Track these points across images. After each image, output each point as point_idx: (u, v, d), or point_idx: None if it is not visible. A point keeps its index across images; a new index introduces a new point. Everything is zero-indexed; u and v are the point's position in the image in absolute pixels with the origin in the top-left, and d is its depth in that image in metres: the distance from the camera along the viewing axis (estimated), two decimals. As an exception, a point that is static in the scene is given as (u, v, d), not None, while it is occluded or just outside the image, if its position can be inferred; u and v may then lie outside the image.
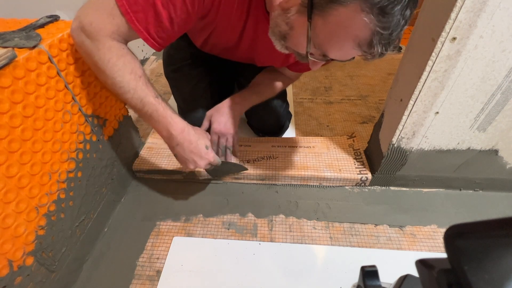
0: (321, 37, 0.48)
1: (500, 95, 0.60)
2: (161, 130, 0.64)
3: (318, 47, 0.51)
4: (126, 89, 0.58)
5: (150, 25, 0.55)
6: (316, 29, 0.48)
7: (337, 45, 0.49)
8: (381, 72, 1.44)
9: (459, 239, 0.22)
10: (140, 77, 0.59)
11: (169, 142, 0.66)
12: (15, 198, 0.49)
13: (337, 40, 0.47)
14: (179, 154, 0.67)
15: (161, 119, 0.62)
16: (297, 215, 0.77)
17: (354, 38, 0.45)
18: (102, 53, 0.55)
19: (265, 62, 0.85)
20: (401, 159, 0.75)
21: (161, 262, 0.68)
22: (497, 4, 0.47)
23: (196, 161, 0.67)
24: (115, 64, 0.56)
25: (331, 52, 0.50)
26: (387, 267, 0.51)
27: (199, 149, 0.66)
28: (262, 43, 0.71)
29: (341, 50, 0.49)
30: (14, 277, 0.50)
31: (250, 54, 0.78)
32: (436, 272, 0.23)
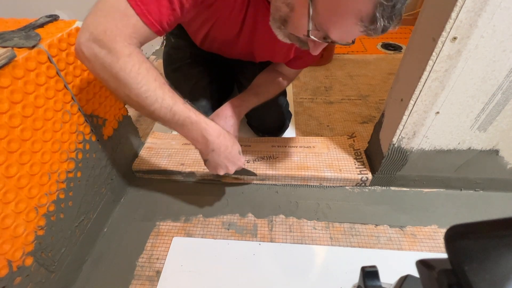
0: (323, 14, 0.47)
1: (500, 95, 0.60)
2: (196, 137, 0.59)
3: (320, 27, 0.49)
4: (153, 99, 0.52)
5: (164, 16, 0.52)
6: (318, 6, 0.47)
7: (339, 22, 0.47)
8: (382, 72, 1.44)
9: (459, 239, 0.21)
10: (164, 84, 0.54)
11: (203, 148, 0.61)
12: (14, 198, 0.49)
13: (339, 16, 0.46)
14: (212, 160, 0.63)
15: (194, 126, 0.57)
16: (297, 215, 0.77)
17: (357, 13, 0.44)
18: (123, 62, 0.49)
19: (265, 56, 0.84)
20: (401, 159, 0.75)
21: (160, 262, 0.68)
22: (497, 3, 0.47)
23: (228, 167, 0.64)
24: (139, 72, 0.50)
25: (333, 31, 0.49)
26: (387, 267, 0.51)
27: (233, 154, 0.63)
28: (262, 35, 0.70)
29: (342, 27, 0.48)
30: (14, 277, 0.50)
31: (250, 47, 0.77)
32: (437, 273, 0.23)
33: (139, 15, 0.49)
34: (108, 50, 0.49)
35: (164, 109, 0.53)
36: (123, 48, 0.49)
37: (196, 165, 0.86)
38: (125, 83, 0.50)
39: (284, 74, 0.90)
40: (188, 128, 0.57)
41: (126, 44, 0.50)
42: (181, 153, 0.90)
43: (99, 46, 0.49)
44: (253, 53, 0.82)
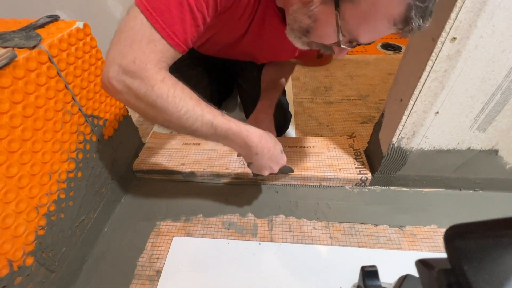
0: (352, 23, 0.46)
1: (500, 95, 0.60)
2: (239, 145, 0.59)
3: (348, 34, 0.48)
4: (194, 118, 0.52)
5: (188, 34, 0.50)
6: (346, 15, 0.46)
7: (370, 28, 0.46)
8: (381, 72, 1.44)
9: (459, 239, 0.22)
10: (199, 100, 0.53)
11: (247, 153, 0.62)
12: (15, 198, 0.49)
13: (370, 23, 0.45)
14: (256, 162, 0.63)
15: (237, 135, 0.57)
16: (297, 215, 0.77)
17: (389, 17, 0.43)
18: (158, 88, 0.48)
19: (268, 57, 0.83)
20: (401, 159, 0.75)
21: (161, 262, 0.68)
22: (497, 4, 0.47)
23: (272, 167, 0.65)
24: (175, 95, 0.49)
25: (363, 36, 0.48)
26: (387, 267, 0.51)
27: (276, 154, 0.64)
28: (267, 37, 0.69)
29: (374, 32, 0.47)
30: (14, 277, 0.50)
31: (253, 49, 0.76)
32: (436, 272, 0.23)
33: (165, 39, 0.48)
34: (141, 80, 0.47)
35: (206, 125, 0.53)
36: (155, 75, 0.48)
37: (196, 165, 0.86)
38: (164, 110, 0.50)
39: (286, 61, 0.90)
40: (230, 138, 0.57)
41: (157, 70, 0.49)
42: (181, 153, 0.91)
43: (131, 77, 0.47)
44: (255, 55, 0.82)
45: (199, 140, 0.95)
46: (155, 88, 0.48)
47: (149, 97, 0.48)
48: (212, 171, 0.85)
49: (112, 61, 0.48)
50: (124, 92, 0.48)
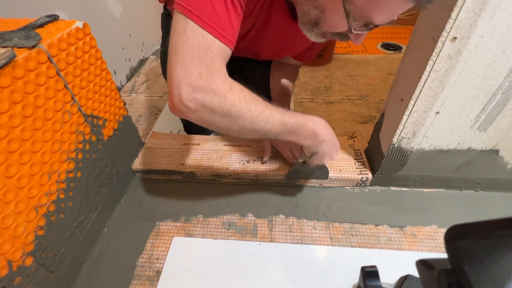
0: (361, 6, 0.45)
1: (500, 95, 0.60)
2: (307, 136, 0.60)
3: (360, 18, 0.47)
4: (265, 119, 0.52)
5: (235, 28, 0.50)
6: (353, 0, 0.45)
7: (382, 7, 0.45)
8: (382, 72, 1.44)
9: (459, 240, 0.21)
10: (265, 101, 0.53)
11: (314, 143, 0.62)
12: (14, 198, 0.49)
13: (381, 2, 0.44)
14: (322, 150, 0.64)
15: (305, 127, 0.58)
16: (297, 215, 0.77)
17: None
18: (230, 97, 0.48)
19: (271, 52, 0.82)
20: (401, 159, 0.75)
21: (160, 262, 0.68)
22: (497, 3, 0.47)
23: (332, 154, 0.66)
24: (246, 100, 0.50)
25: (377, 17, 0.46)
26: (387, 267, 0.51)
27: (336, 141, 0.66)
28: (273, 32, 0.68)
29: (388, 10, 0.45)
30: (14, 277, 0.50)
31: (256, 43, 0.74)
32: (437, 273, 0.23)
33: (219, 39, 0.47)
34: (213, 92, 0.47)
35: (277, 124, 0.54)
36: (223, 84, 0.48)
37: (196, 165, 0.86)
38: (239, 116, 0.49)
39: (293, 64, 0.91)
40: (300, 131, 0.58)
41: (223, 78, 0.48)
42: (181, 153, 0.91)
43: (202, 93, 0.46)
44: (258, 49, 0.81)
45: (199, 140, 0.95)
46: (228, 97, 0.48)
47: (223, 107, 0.48)
48: (212, 171, 0.85)
49: (179, 83, 0.46)
50: (198, 110, 0.48)
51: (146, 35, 1.59)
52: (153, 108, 1.24)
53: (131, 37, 1.46)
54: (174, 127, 1.10)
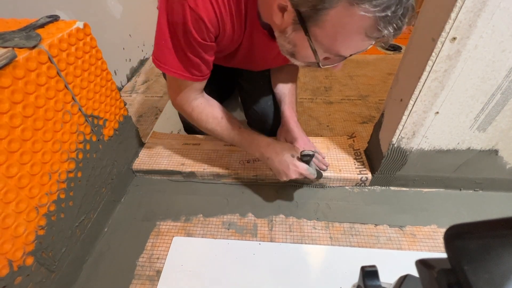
0: (326, 43, 0.48)
1: (500, 95, 0.60)
2: (254, 151, 0.74)
3: (328, 51, 0.50)
4: (217, 132, 0.75)
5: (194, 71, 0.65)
6: (318, 38, 0.48)
7: (345, 44, 0.48)
8: (381, 72, 1.44)
9: (459, 239, 0.22)
10: (222, 118, 0.74)
11: (262, 158, 0.73)
12: (15, 198, 0.49)
13: (343, 40, 0.47)
14: (272, 167, 0.73)
15: (250, 142, 0.74)
16: (297, 215, 0.77)
17: (359, 31, 0.44)
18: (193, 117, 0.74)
19: (263, 66, 0.87)
20: (401, 159, 0.75)
21: (161, 262, 0.68)
22: (497, 4, 0.47)
23: (285, 171, 0.70)
24: (201, 119, 0.74)
25: (343, 51, 0.50)
26: (387, 267, 0.51)
27: (284, 158, 0.70)
28: (258, 51, 0.73)
29: (351, 46, 0.49)
30: (14, 277, 0.50)
31: (247, 62, 0.80)
32: (436, 272, 0.23)
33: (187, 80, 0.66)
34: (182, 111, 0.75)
35: (226, 136, 0.76)
36: (187, 109, 0.73)
37: (196, 165, 0.86)
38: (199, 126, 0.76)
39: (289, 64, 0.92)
40: (245, 145, 0.75)
41: (188, 105, 0.73)
42: (181, 153, 0.91)
43: (179, 109, 0.76)
44: (250, 65, 0.84)
45: (199, 140, 0.95)
46: (191, 116, 0.74)
47: (190, 120, 0.76)
48: (212, 171, 0.85)
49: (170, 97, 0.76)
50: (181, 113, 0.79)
51: (146, 35, 1.59)
52: (154, 108, 1.24)
53: (132, 37, 1.46)
54: (174, 127, 1.10)
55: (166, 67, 0.63)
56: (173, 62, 0.63)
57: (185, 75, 0.65)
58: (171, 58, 0.62)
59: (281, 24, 0.52)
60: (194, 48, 0.60)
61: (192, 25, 0.56)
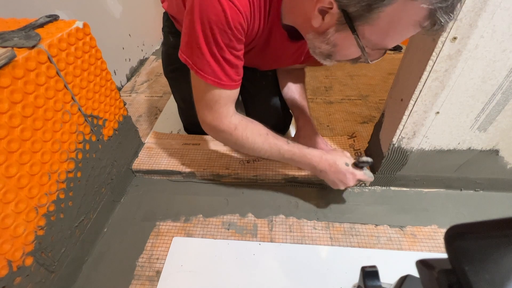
0: (375, 39, 0.48)
1: (500, 95, 0.60)
2: (305, 166, 0.71)
3: (374, 47, 0.50)
4: (264, 150, 0.69)
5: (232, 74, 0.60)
6: (365, 35, 0.48)
7: (396, 37, 0.48)
8: (382, 72, 1.44)
9: (459, 240, 0.21)
10: (267, 134, 0.69)
11: (314, 172, 0.71)
12: (14, 198, 0.49)
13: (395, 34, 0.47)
14: (327, 179, 0.71)
15: (301, 158, 0.69)
16: (297, 215, 0.77)
17: (414, 24, 0.44)
18: (235, 136, 0.66)
19: (271, 66, 0.86)
20: (401, 159, 0.75)
21: (160, 262, 0.68)
22: (497, 3, 0.47)
23: (342, 180, 0.69)
24: (248, 137, 0.67)
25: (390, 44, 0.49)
26: (387, 267, 0.51)
27: (340, 168, 0.68)
28: (272, 51, 0.71)
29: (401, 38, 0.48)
30: (14, 277, 0.50)
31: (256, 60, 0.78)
32: (437, 273, 0.23)
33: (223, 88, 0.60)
34: (221, 131, 0.66)
35: (275, 154, 0.69)
36: (230, 126, 0.65)
37: (196, 165, 0.86)
38: (242, 147, 0.69)
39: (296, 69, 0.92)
40: (296, 161, 0.70)
41: (229, 120, 0.65)
42: (181, 153, 0.91)
43: (214, 132, 0.68)
44: (258, 64, 0.83)
45: (199, 140, 0.95)
46: (233, 136, 0.66)
47: (230, 141, 0.69)
48: (212, 171, 0.85)
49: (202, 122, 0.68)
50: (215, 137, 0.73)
51: (146, 35, 1.59)
52: (153, 108, 1.23)
53: (131, 37, 1.46)
54: (174, 127, 1.10)
55: (204, 75, 0.58)
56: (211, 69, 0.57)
57: (223, 83, 0.59)
58: (207, 64, 0.57)
59: (320, 26, 0.51)
60: (233, 47, 0.56)
61: (232, 20, 0.52)
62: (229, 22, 0.52)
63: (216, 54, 0.56)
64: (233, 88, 0.62)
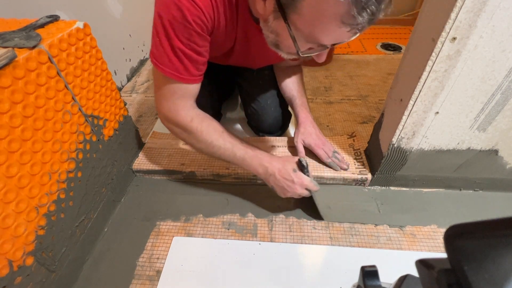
0: (305, 30, 0.48)
1: (500, 95, 0.60)
2: (257, 167, 0.69)
3: (309, 40, 0.50)
4: (218, 147, 0.68)
5: (191, 69, 0.61)
6: (297, 25, 0.48)
7: (323, 31, 0.48)
8: (381, 72, 1.44)
9: (459, 239, 0.21)
10: (223, 132, 0.69)
11: (265, 176, 0.69)
12: (15, 198, 0.49)
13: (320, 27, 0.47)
14: (275, 185, 0.69)
15: (253, 158, 0.69)
16: (297, 215, 0.77)
17: (335, 17, 0.44)
18: (189, 128, 0.66)
19: (261, 62, 0.86)
20: (401, 159, 0.75)
21: (161, 262, 0.68)
22: (497, 4, 0.47)
23: (290, 186, 0.67)
24: (202, 130, 0.66)
25: (322, 39, 0.49)
26: (387, 267, 0.51)
27: (289, 172, 0.67)
28: (256, 47, 0.72)
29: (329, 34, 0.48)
30: (14, 277, 0.50)
31: (245, 59, 0.79)
32: (436, 272, 0.23)
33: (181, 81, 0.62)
34: (176, 124, 0.67)
35: (227, 152, 0.68)
36: (185, 118, 0.66)
37: (196, 165, 0.86)
38: (197, 141, 0.68)
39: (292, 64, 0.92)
40: (248, 162, 0.69)
41: (186, 112, 0.66)
42: (181, 153, 0.91)
43: (169, 123, 0.69)
44: (249, 63, 0.84)
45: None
46: (187, 128, 0.67)
47: (183, 134, 0.69)
48: (212, 171, 0.85)
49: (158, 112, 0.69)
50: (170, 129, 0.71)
51: (146, 35, 1.59)
52: (154, 108, 1.23)
53: (132, 37, 1.46)
54: (174, 127, 1.10)
55: (162, 67, 0.60)
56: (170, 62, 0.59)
57: (182, 76, 0.61)
58: (166, 58, 0.59)
59: (264, 13, 0.52)
60: (193, 42, 0.58)
61: (190, 15, 0.54)
62: (186, 17, 0.54)
63: (175, 48, 0.57)
64: (191, 83, 0.63)
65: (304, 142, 0.82)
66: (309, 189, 0.68)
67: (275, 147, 0.91)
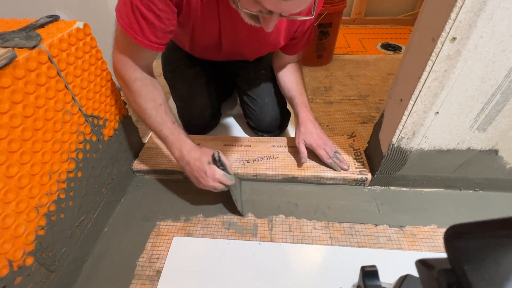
0: None
1: (500, 95, 0.60)
2: (175, 150, 0.70)
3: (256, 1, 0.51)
4: (148, 116, 0.68)
5: (146, 32, 0.60)
6: None
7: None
8: (381, 72, 1.44)
9: (459, 239, 0.22)
10: (160, 105, 0.69)
11: (181, 162, 0.71)
12: (15, 198, 0.49)
13: None
14: (190, 174, 0.71)
15: (175, 140, 0.69)
16: (297, 215, 0.77)
17: None
18: (130, 87, 0.67)
19: (253, 50, 0.86)
20: (401, 159, 0.75)
21: (161, 262, 0.68)
22: (497, 4, 0.47)
23: (203, 177, 0.68)
24: (140, 94, 0.67)
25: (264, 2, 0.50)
26: (387, 267, 0.51)
27: (203, 164, 0.68)
28: (244, 32, 0.72)
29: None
30: (14, 277, 0.50)
31: (236, 46, 0.79)
32: (436, 272, 0.23)
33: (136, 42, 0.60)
34: (121, 77, 0.67)
35: (155, 125, 0.69)
36: (130, 75, 0.66)
37: (196, 165, 0.86)
38: (133, 102, 0.68)
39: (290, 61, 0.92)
40: (169, 142, 0.70)
41: (133, 71, 0.66)
42: (181, 153, 0.90)
43: (117, 73, 0.68)
44: (241, 52, 0.83)
45: (199, 140, 0.95)
46: (128, 85, 0.67)
47: (125, 90, 0.68)
48: (212, 171, 0.85)
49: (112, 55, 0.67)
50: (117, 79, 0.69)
51: (146, 35, 1.59)
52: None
53: (131, 37, 1.46)
54: (174, 127, 1.10)
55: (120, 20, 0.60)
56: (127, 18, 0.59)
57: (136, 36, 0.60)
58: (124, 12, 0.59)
59: None
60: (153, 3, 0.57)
61: None
62: None
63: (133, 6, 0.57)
64: (144, 47, 0.62)
65: (305, 142, 0.82)
66: (222, 182, 0.70)
67: (275, 147, 0.91)
